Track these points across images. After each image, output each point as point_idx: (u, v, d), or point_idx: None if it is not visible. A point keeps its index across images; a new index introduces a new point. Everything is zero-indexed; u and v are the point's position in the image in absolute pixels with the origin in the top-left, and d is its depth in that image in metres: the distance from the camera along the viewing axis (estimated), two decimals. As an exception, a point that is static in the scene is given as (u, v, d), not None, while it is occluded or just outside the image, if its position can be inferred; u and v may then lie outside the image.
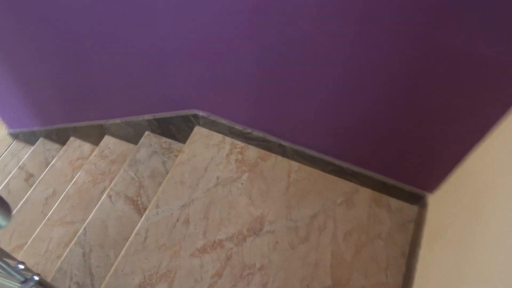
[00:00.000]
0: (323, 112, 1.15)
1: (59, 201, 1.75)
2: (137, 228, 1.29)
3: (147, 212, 1.31)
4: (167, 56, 1.24)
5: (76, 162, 2.02)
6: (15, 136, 2.49)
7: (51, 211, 1.72)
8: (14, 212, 1.89)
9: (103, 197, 1.55)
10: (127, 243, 1.27)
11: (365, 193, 1.34)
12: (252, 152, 1.44)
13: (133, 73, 1.41)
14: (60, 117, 2.02)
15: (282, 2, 0.88)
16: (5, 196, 1.99)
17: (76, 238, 1.47)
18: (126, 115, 1.70)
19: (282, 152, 1.40)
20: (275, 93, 1.17)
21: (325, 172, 1.38)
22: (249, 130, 1.39)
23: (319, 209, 1.31)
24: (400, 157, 1.16)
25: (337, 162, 1.31)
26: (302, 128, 1.27)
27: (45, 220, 1.70)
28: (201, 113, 1.44)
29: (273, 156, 1.43)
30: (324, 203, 1.32)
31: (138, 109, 1.62)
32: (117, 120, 1.75)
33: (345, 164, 1.31)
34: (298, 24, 0.92)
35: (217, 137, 1.48)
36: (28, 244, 1.69)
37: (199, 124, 1.50)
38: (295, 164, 1.41)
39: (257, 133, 1.38)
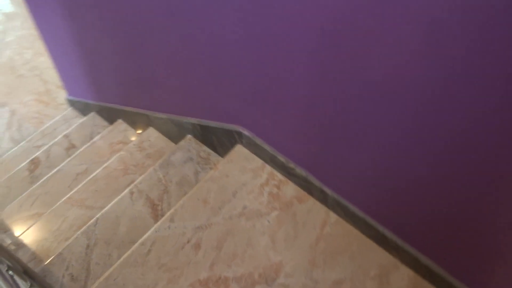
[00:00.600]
0: (378, 168, 0.97)
1: (85, 181, 1.70)
2: (143, 237, 1.19)
3: (159, 223, 1.21)
4: (226, 67, 1.14)
5: (116, 145, 1.98)
6: (72, 104, 2.53)
7: (75, 190, 1.68)
8: (44, 178, 1.89)
9: (125, 191, 1.48)
10: (129, 251, 1.17)
11: (404, 273, 1.14)
12: (290, 189, 1.29)
13: (189, 74, 1.32)
14: (113, 97, 2.00)
15: (358, 35, 0.73)
16: (42, 160, 1.99)
17: (85, 226, 1.40)
18: (172, 113, 1.62)
19: (323, 198, 1.23)
20: (328, 132, 1.02)
21: (365, 235, 1.19)
22: (292, 165, 1.24)
23: (346, 276, 1.13)
24: (459, 245, 0.95)
25: (381, 228, 1.12)
26: (351, 179, 1.10)
27: (66, 196, 1.66)
28: (245, 132, 1.31)
29: (311, 200, 1.27)
30: (354, 271, 1.14)
31: (186, 109, 1.54)
32: (163, 115, 1.68)
33: (389, 233, 1.11)
34: (372, 62, 0.76)
35: (256, 162, 1.34)
36: (46, 215, 1.65)
37: (241, 143, 1.37)
38: (333, 216, 1.24)
39: (300, 171, 1.23)
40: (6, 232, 1.70)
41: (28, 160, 2.10)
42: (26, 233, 1.57)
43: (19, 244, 1.53)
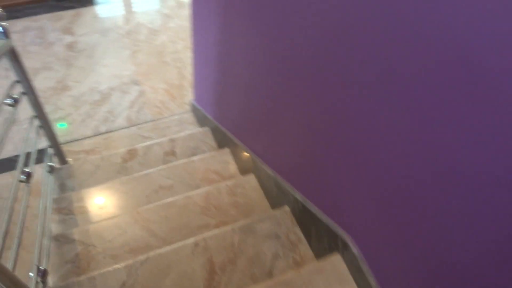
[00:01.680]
0: None
1: (161, 202, 1.55)
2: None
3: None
4: (373, 156, 0.86)
5: (211, 174, 1.81)
6: (193, 109, 2.48)
7: (147, 206, 1.53)
8: (130, 176, 1.80)
9: (189, 240, 1.27)
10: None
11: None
12: None
13: (317, 143, 1.06)
14: (230, 124, 1.84)
15: None
16: (139, 155, 1.91)
17: (132, 261, 1.22)
18: (280, 174, 1.38)
19: None
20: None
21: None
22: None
23: None
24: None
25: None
26: None
27: (137, 209, 1.52)
28: (353, 247, 1.01)
29: None
30: None
31: (295, 179, 1.28)
32: (269, 171, 1.45)
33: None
34: None
35: (351, 290, 1.03)
36: (108, 220, 1.54)
37: (342, 255, 1.07)
38: None
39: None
40: (67, 216, 1.63)
41: (127, 148, 2.05)
42: (81, 229, 1.46)
43: (69, 239, 1.42)
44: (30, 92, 1.65)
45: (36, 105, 1.73)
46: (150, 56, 2.99)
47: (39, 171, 2.20)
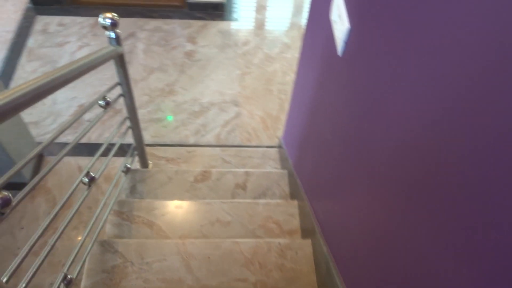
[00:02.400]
0: None
1: (209, 240, 1.51)
2: None
3: None
4: None
5: (270, 223, 1.73)
6: (279, 146, 2.42)
7: (195, 240, 1.51)
8: (193, 201, 1.80)
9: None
10: None
11: None
12: None
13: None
14: (304, 176, 1.75)
15: None
16: (212, 179, 1.90)
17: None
18: (333, 255, 1.25)
19: None
20: None
21: None
22: None
23: None
24: None
25: None
26: None
27: (183, 240, 1.51)
28: None
29: None
30: None
31: (345, 268, 1.14)
32: (324, 246, 1.32)
33: None
34: None
35: None
36: (154, 240, 1.54)
37: None
38: None
39: None
40: (123, 221, 1.67)
41: (202, 169, 2.07)
42: (127, 242, 1.48)
43: (112, 248, 1.45)
44: (127, 95, 1.73)
45: (131, 107, 1.82)
46: (258, 81, 3.02)
47: (117, 166, 2.34)
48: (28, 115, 2.68)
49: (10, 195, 0.81)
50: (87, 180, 1.30)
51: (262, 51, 3.22)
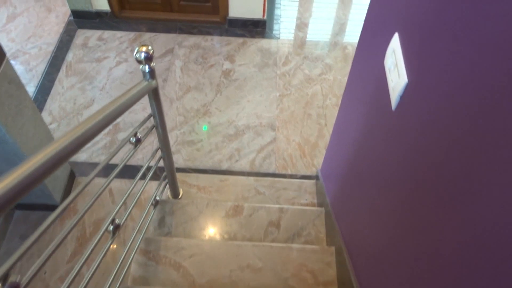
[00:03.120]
0: None
1: (229, 283, 1.42)
2: None
3: None
4: None
5: (303, 272, 1.62)
6: (316, 179, 2.31)
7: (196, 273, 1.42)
8: (224, 242, 1.71)
9: None
10: None
11: None
12: None
13: None
14: (343, 222, 1.62)
15: None
16: (244, 215, 1.82)
17: None
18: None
19: None
20: None
21: None
22: None
23: None
24: None
25: None
26: None
27: (207, 282, 1.42)
28: None
29: None
30: None
31: None
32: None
33: None
34: None
35: None
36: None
37: None
38: None
39: None
40: (149, 261, 1.60)
41: (234, 203, 1.98)
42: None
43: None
44: (160, 126, 1.68)
45: (164, 138, 1.76)
46: (296, 104, 2.91)
47: (148, 190, 2.29)
48: (61, 133, 2.69)
49: (18, 279, 0.74)
50: (111, 227, 1.24)
51: (302, 72, 3.12)
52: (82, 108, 2.83)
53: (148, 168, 1.71)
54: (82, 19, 3.40)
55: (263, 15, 3.32)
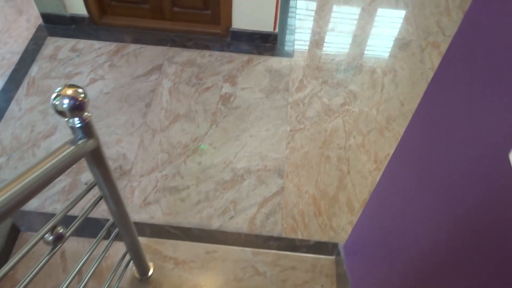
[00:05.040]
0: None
1: None
2: None
3: None
4: None
5: None
6: (337, 257, 1.75)
7: None
8: None
9: None
10: None
11: None
12: None
13: None
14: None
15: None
16: None
17: None
18: None
19: None
20: None
21: None
22: None
23: None
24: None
25: None
26: None
27: None
28: None
29: None
30: None
31: None
32: None
33: None
34: None
35: None
36: None
37: None
38: None
39: None
40: None
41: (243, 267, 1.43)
42: None
43: None
44: (110, 197, 1.14)
45: (118, 213, 1.23)
46: (311, 142, 2.37)
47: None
48: (10, 170, 2.16)
49: None
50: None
51: (320, 101, 2.57)
52: (40, 138, 2.30)
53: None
54: (54, 24, 2.88)
55: (274, 28, 2.79)
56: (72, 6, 2.79)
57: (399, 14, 3.19)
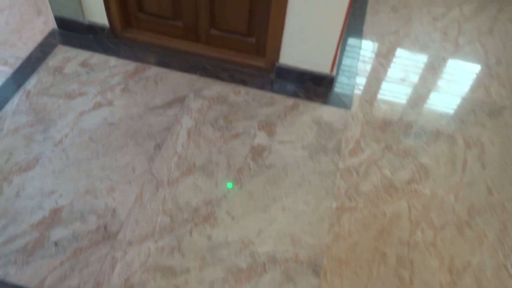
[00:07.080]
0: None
1: None
2: None
3: None
4: None
5: None
6: None
7: None
8: None
9: None
10: None
11: None
12: None
13: None
14: None
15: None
16: None
17: None
18: None
19: None
20: None
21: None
22: None
23: None
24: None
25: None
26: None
27: None
28: None
29: None
30: None
31: None
32: None
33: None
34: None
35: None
36: None
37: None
38: None
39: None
40: None
41: None
42: None
43: None
44: None
45: None
46: (363, 229, 1.79)
47: None
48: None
49: None
50: None
51: (380, 172, 2.00)
52: (16, 171, 1.84)
53: None
54: (69, 31, 2.48)
55: (332, 70, 2.27)
56: (91, 13, 2.37)
57: (490, 71, 2.60)
